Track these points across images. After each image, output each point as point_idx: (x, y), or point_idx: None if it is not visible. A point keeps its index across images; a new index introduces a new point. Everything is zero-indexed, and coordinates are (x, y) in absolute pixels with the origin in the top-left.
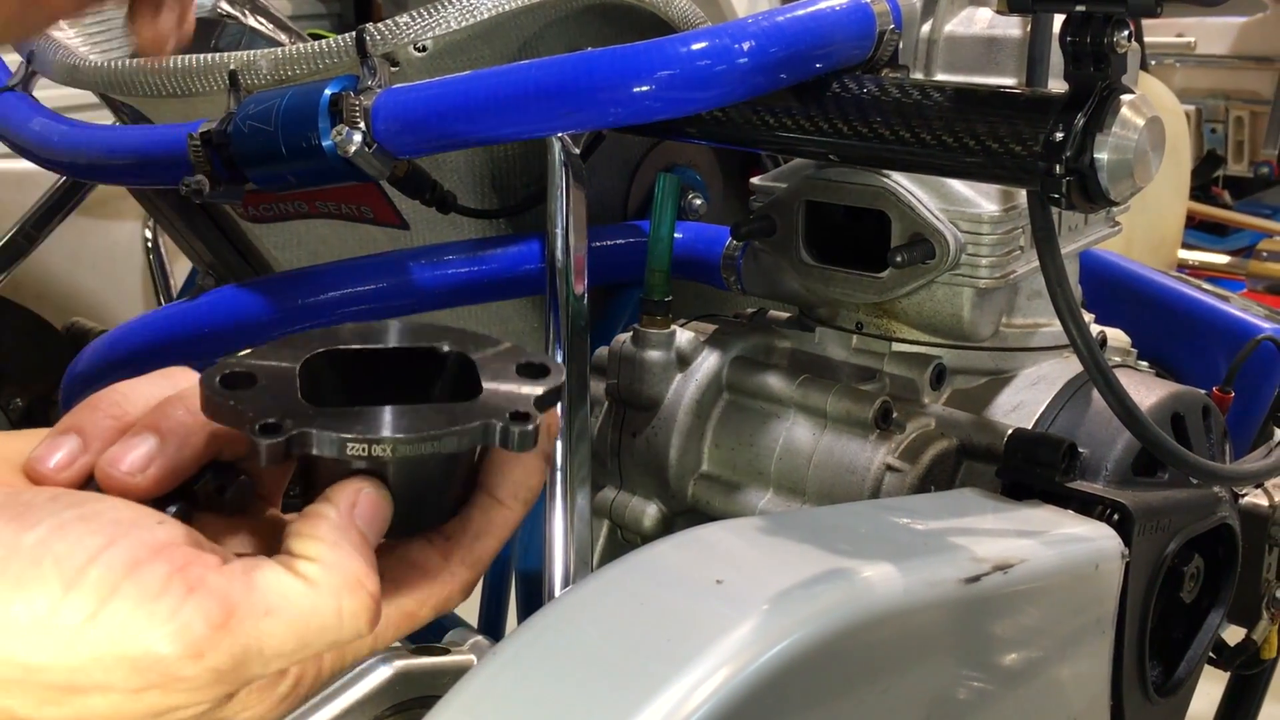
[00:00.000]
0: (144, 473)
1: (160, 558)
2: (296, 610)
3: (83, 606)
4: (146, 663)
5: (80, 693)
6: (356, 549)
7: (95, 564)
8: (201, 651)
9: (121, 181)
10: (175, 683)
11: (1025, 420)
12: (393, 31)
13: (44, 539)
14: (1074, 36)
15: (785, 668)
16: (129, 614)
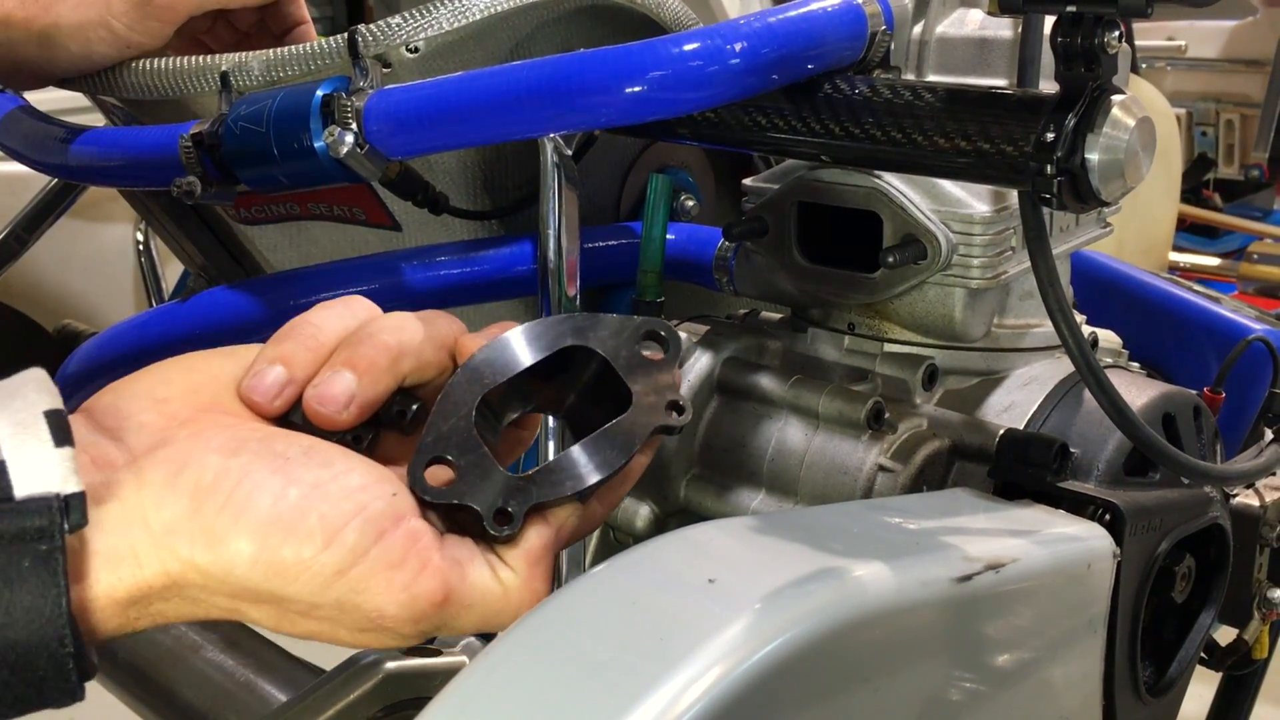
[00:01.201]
0: (347, 410)
1: (400, 529)
2: (489, 609)
3: (338, 561)
4: (375, 617)
5: (314, 619)
6: (546, 571)
7: (350, 528)
8: (419, 620)
9: (113, 183)
10: (389, 635)
11: (1017, 420)
12: (385, 33)
13: (308, 496)
14: (1065, 37)
15: (777, 667)
16: (372, 576)
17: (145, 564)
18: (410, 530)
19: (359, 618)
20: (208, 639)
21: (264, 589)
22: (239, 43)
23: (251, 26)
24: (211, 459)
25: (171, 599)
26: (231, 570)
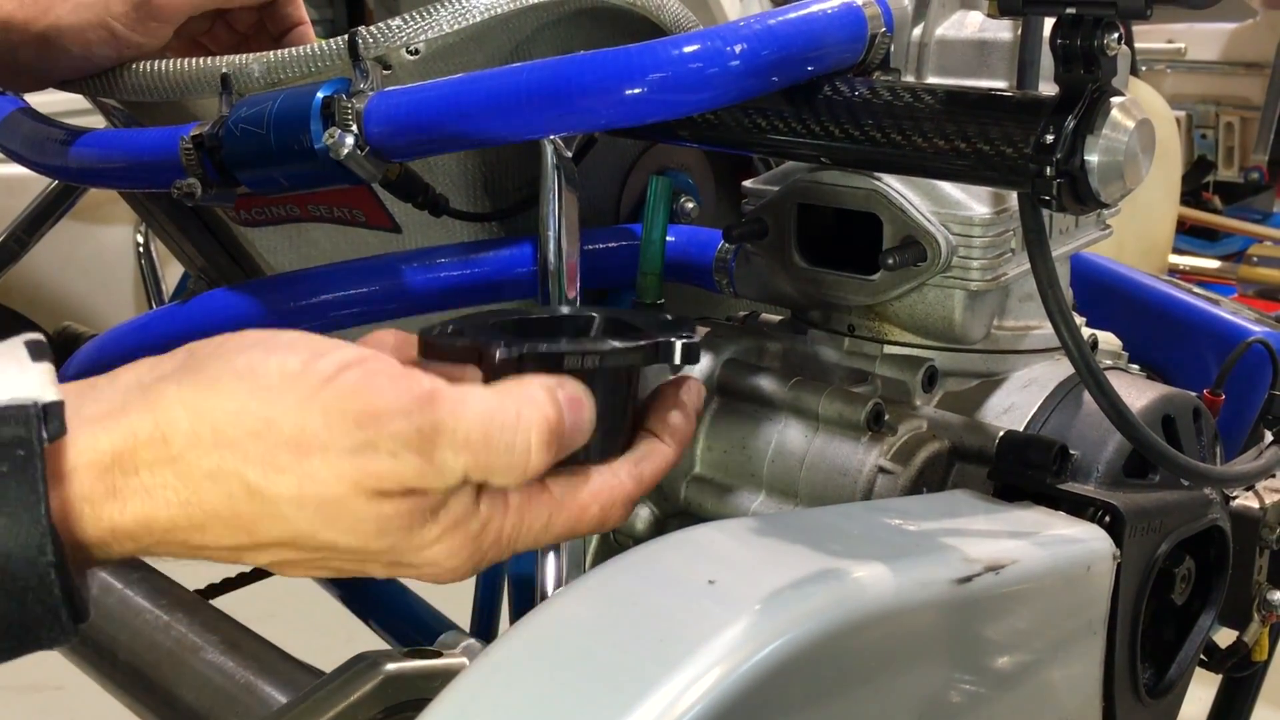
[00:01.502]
0: None
1: (392, 358)
2: (483, 405)
3: (324, 370)
4: (366, 417)
5: (305, 453)
6: (548, 394)
7: (340, 348)
8: (409, 411)
9: (113, 185)
10: (385, 439)
11: (1017, 422)
12: (385, 34)
13: (306, 334)
14: (1064, 39)
15: (777, 668)
16: (360, 382)
17: (132, 413)
18: (403, 360)
19: (351, 426)
20: (208, 640)
21: (249, 416)
22: (238, 44)
23: (250, 28)
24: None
25: (159, 467)
26: (222, 405)
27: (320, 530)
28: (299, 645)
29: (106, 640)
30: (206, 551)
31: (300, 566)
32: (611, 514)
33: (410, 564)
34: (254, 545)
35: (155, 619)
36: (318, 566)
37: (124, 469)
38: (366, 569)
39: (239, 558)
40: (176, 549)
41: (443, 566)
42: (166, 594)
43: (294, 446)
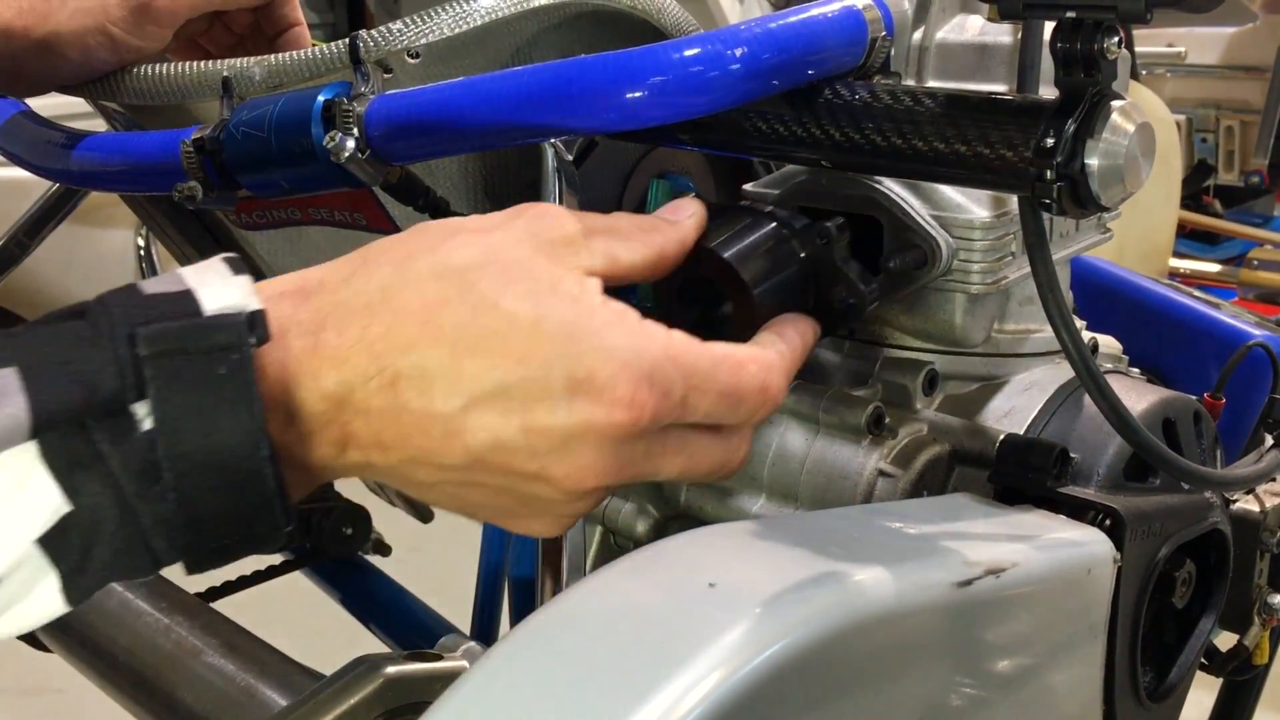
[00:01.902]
0: None
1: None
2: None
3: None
4: (538, 213)
5: (486, 233)
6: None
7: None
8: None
9: (114, 188)
10: (544, 222)
11: (1017, 426)
12: (386, 38)
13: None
14: (1064, 43)
15: (778, 671)
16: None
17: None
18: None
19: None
20: (208, 643)
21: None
22: (235, 46)
23: (246, 29)
24: None
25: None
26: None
27: (502, 291)
28: (299, 648)
29: (107, 643)
30: (402, 384)
31: (492, 405)
32: (772, 380)
33: (583, 365)
34: (440, 352)
35: (156, 622)
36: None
37: (318, 293)
38: (548, 378)
39: (431, 400)
40: (375, 384)
41: (612, 366)
42: (167, 597)
43: (478, 231)
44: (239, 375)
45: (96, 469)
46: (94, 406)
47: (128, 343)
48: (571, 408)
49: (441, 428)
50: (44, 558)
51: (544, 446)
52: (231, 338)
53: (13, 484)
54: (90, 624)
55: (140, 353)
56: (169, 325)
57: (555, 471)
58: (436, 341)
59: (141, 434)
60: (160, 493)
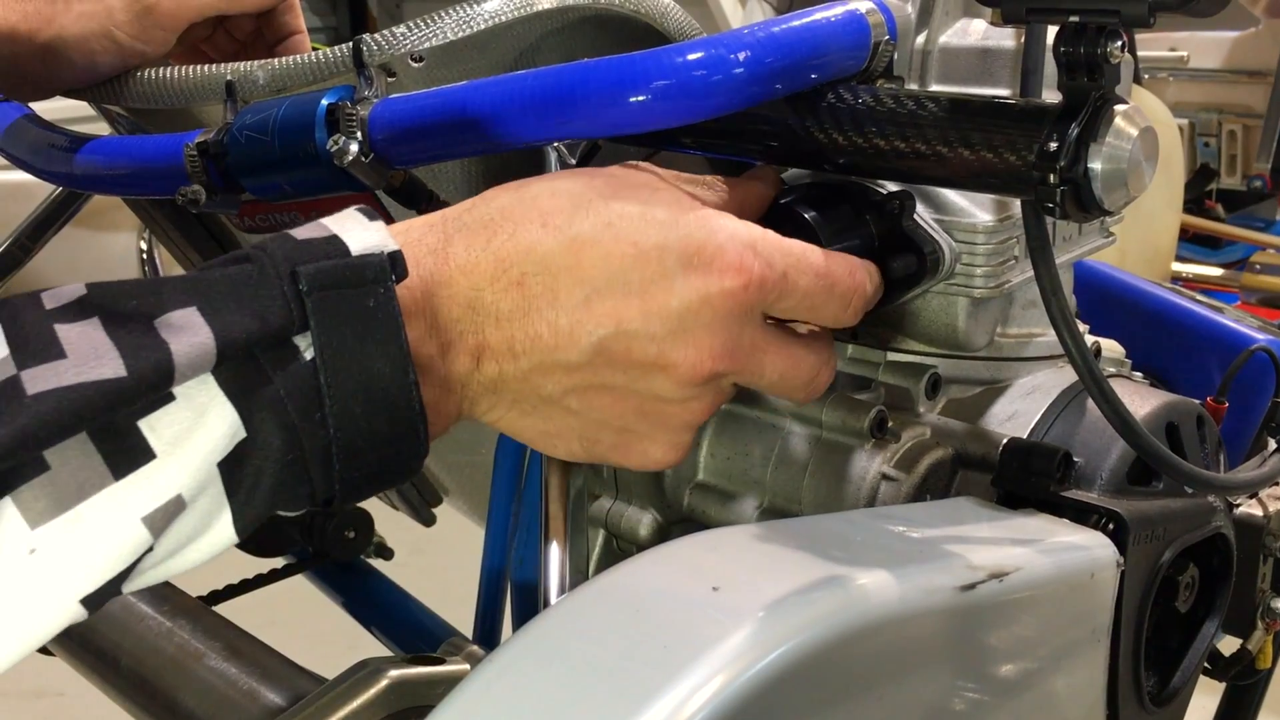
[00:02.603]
0: None
1: None
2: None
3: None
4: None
5: (596, 170)
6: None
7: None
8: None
9: (117, 192)
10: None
11: (1020, 429)
12: (389, 41)
13: None
14: (1067, 47)
15: (781, 675)
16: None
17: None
18: None
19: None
20: (211, 647)
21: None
22: (237, 51)
23: (248, 35)
24: None
25: (510, 289)
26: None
27: (615, 193)
28: (301, 652)
29: (109, 647)
30: (529, 281)
31: (612, 293)
32: (860, 288)
33: (694, 238)
34: (560, 247)
35: (158, 625)
36: (620, 271)
37: (445, 221)
38: (661, 254)
39: (555, 295)
40: (503, 280)
41: (720, 235)
42: (169, 600)
43: (589, 168)
44: (386, 307)
45: (267, 397)
46: (266, 337)
47: (291, 280)
48: (686, 282)
49: (567, 321)
50: (221, 485)
51: (662, 328)
52: (377, 274)
53: (196, 410)
54: (93, 627)
55: (302, 288)
56: (324, 264)
57: (674, 355)
58: (557, 241)
59: (305, 362)
60: (321, 419)
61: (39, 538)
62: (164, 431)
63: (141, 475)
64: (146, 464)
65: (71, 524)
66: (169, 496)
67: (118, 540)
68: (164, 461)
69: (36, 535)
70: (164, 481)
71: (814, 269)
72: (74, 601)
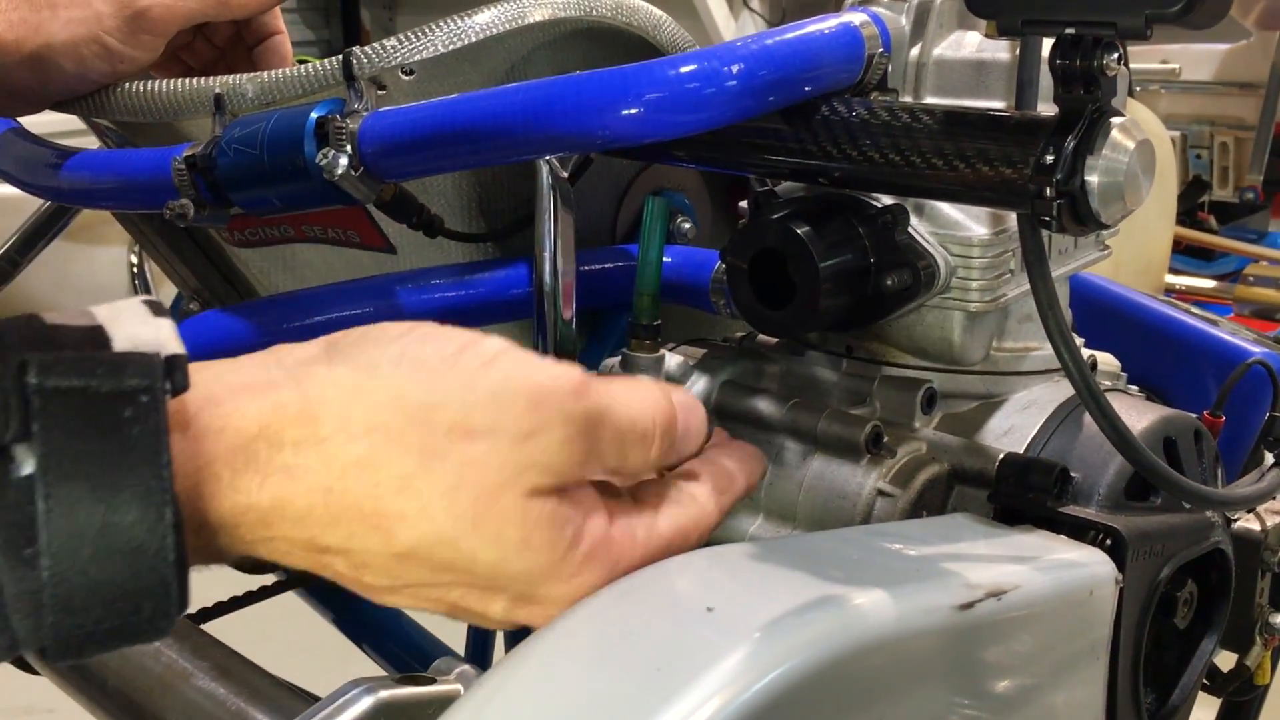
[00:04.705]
0: None
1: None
2: (626, 404)
3: (485, 354)
4: (538, 398)
5: (469, 438)
6: (663, 393)
7: (487, 335)
8: (580, 392)
9: (106, 206)
10: (557, 422)
11: (1017, 444)
12: (380, 55)
13: (445, 326)
14: (1064, 59)
15: (778, 696)
16: (523, 365)
17: (281, 388)
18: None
19: (522, 407)
20: (199, 666)
21: (407, 402)
22: (216, 58)
23: (227, 40)
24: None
25: (305, 447)
26: (378, 389)
27: (464, 535)
28: (291, 669)
29: (96, 666)
30: (328, 557)
31: (420, 591)
32: (703, 537)
33: (540, 595)
34: (383, 553)
35: (144, 645)
36: (439, 592)
37: (269, 443)
38: (490, 604)
39: (358, 575)
40: (297, 548)
41: (570, 602)
42: None
43: (458, 432)
44: (147, 421)
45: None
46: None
47: (17, 371)
48: (513, 611)
49: (363, 589)
50: None
51: (468, 617)
52: (142, 379)
53: None
54: None
55: (30, 381)
56: (67, 355)
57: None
58: (383, 545)
59: (20, 478)
60: (32, 557)
61: None
62: None
63: None
64: None
65: None
66: None
67: None
68: None
69: None
70: None
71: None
72: None
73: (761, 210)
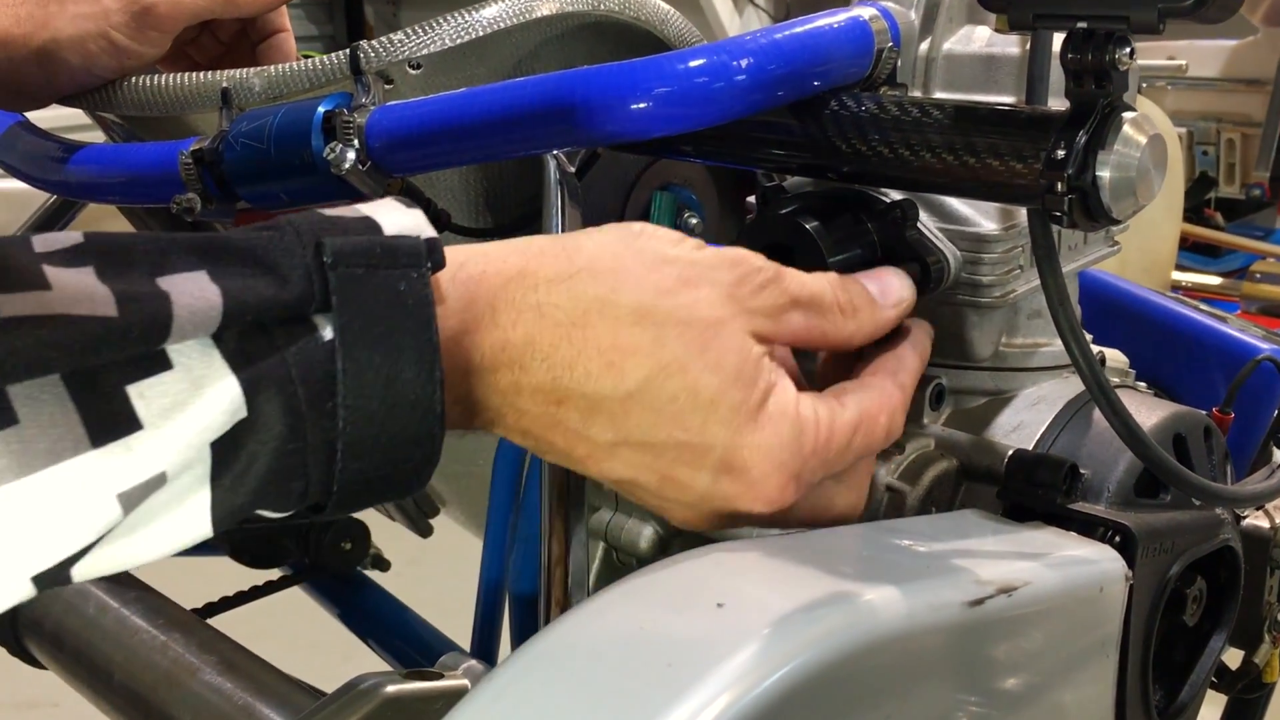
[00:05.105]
0: None
1: None
2: (811, 278)
3: (696, 243)
4: (736, 258)
5: (694, 285)
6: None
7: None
8: (768, 264)
9: (112, 200)
10: (755, 278)
11: (1026, 441)
12: (387, 48)
13: None
14: (1075, 54)
15: (788, 693)
16: (735, 251)
17: (536, 242)
18: None
19: (729, 266)
20: (205, 661)
21: (650, 254)
22: (221, 55)
23: (232, 37)
24: None
25: (556, 284)
26: (622, 245)
27: (693, 359)
28: (296, 664)
29: (102, 660)
30: (564, 411)
31: (638, 457)
32: (896, 422)
33: (740, 457)
34: (615, 396)
35: (152, 639)
36: (654, 456)
37: (525, 283)
38: (698, 471)
39: (587, 430)
40: (538, 401)
41: (766, 466)
42: (163, 613)
43: (685, 280)
44: (418, 293)
45: (276, 375)
46: (280, 306)
47: (315, 251)
48: (717, 482)
49: (586, 449)
50: (209, 466)
51: (674, 496)
52: (411, 257)
53: (194, 382)
54: (86, 640)
55: (326, 260)
56: (354, 239)
57: (674, 514)
58: (613, 388)
59: (323, 343)
60: (332, 409)
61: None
62: (155, 401)
63: (123, 446)
64: (131, 434)
65: (36, 489)
66: (151, 474)
67: (86, 514)
68: (151, 434)
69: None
70: (148, 456)
71: (855, 454)
72: (25, 578)
73: (769, 205)
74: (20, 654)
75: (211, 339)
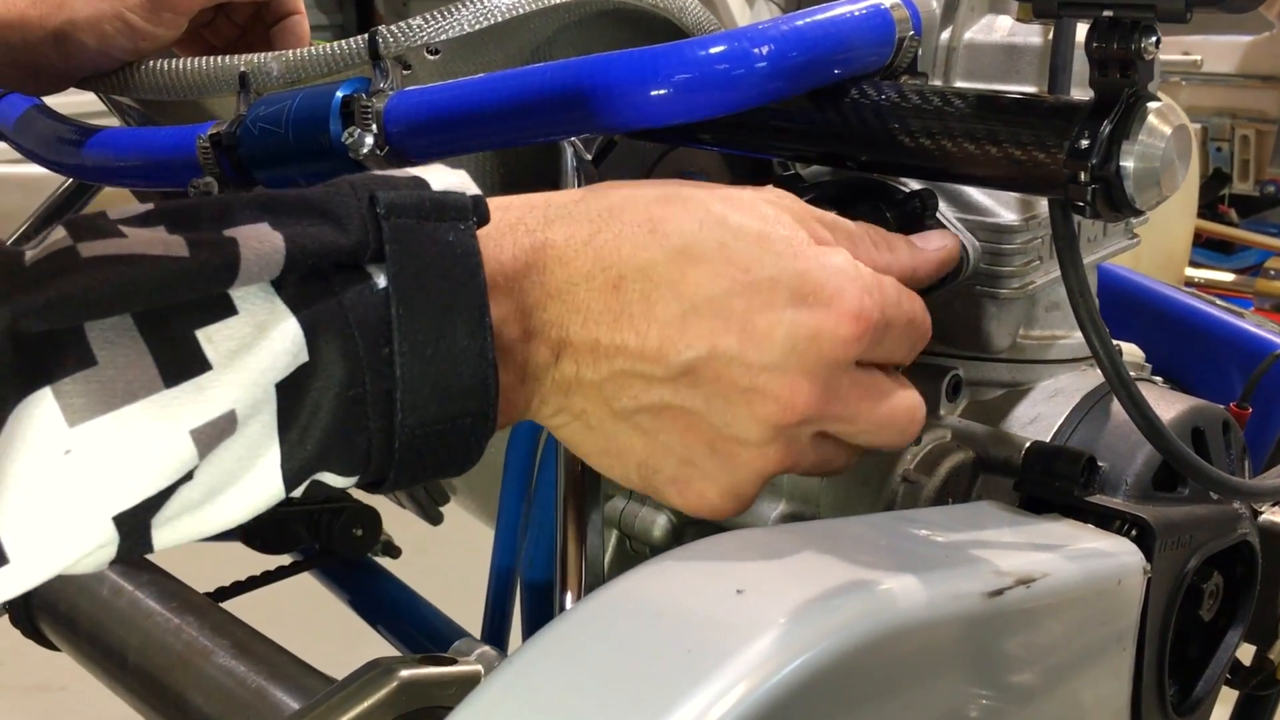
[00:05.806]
0: None
1: None
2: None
3: None
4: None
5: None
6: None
7: None
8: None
9: (128, 184)
10: (780, 195)
11: (1043, 433)
12: (405, 34)
13: None
14: (1100, 42)
15: (807, 681)
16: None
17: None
18: None
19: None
20: (219, 644)
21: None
22: (237, 37)
23: (247, 19)
24: None
25: (581, 199)
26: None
27: (730, 212)
28: (306, 649)
29: (116, 643)
30: (623, 293)
31: (711, 322)
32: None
33: (812, 279)
34: (664, 259)
35: (166, 622)
36: (726, 312)
37: (551, 203)
38: (772, 288)
39: (653, 307)
40: (595, 289)
41: (840, 280)
42: (177, 596)
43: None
44: (466, 244)
45: (334, 320)
46: (338, 252)
47: (369, 204)
48: (797, 315)
49: (658, 335)
50: (275, 411)
51: (760, 360)
52: (458, 211)
53: (257, 325)
54: (99, 623)
55: (380, 211)
56: (404, 193)
57: (769, 386)
58: (663, 251)
59: (377, 290)
60: (389, 357)
61: (77, 437)
62: (221, 344)
63: (194, 385)
64: (201, 374)
65: (114, 426)
66: (221, 411)
67: (163, 451)
68: (220, 373)
69: (74, 434)
70: (218, 394)
71: (907, 314)
72: (107, 517)
73: None
74: (34, 636)
75: (272, 285)
